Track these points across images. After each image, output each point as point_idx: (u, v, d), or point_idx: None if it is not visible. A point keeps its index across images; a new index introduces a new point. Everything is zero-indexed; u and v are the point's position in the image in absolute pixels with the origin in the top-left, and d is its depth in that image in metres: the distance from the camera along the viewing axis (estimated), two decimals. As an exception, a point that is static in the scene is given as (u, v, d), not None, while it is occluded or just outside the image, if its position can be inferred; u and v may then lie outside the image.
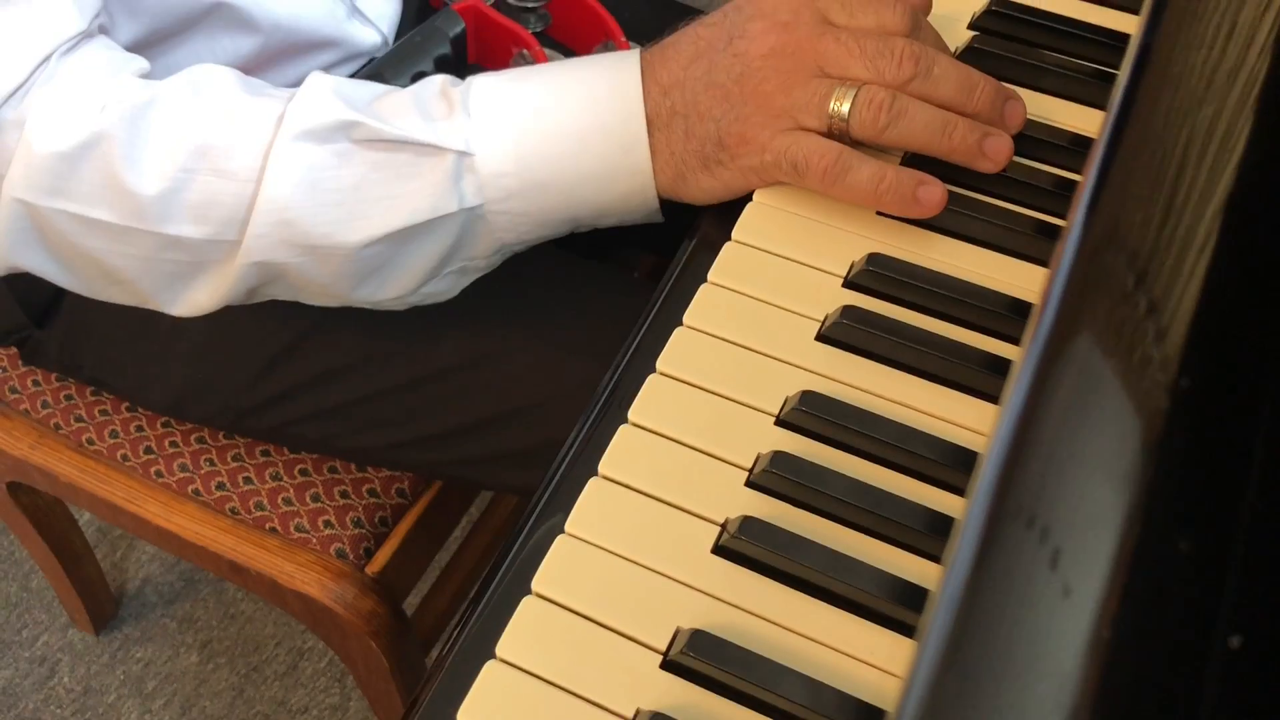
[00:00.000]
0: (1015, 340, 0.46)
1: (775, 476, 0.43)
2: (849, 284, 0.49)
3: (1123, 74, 0.44)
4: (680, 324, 0.48)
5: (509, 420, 0.63)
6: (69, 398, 0.83)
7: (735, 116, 0.50)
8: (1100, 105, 0.54)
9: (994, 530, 0.31)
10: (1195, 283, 0.33)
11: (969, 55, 0.56)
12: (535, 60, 0.68)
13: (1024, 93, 0.53)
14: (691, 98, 0.51)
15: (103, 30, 0.55)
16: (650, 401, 0.46)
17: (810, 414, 0.44)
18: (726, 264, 0.50)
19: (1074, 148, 0.53)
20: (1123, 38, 0.55)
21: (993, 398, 0.45)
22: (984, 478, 0.33)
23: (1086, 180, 0.40)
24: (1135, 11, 0.56)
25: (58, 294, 0.72)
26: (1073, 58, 0.56)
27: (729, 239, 0.51)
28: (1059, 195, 0.51)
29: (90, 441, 0.81)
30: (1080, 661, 0.28)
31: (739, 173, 0.51)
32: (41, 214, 0.52)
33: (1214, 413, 0.31)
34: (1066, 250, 0.37)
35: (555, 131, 0.51)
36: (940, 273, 0.49)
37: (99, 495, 0.81)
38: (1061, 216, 0.50)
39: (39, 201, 0.52)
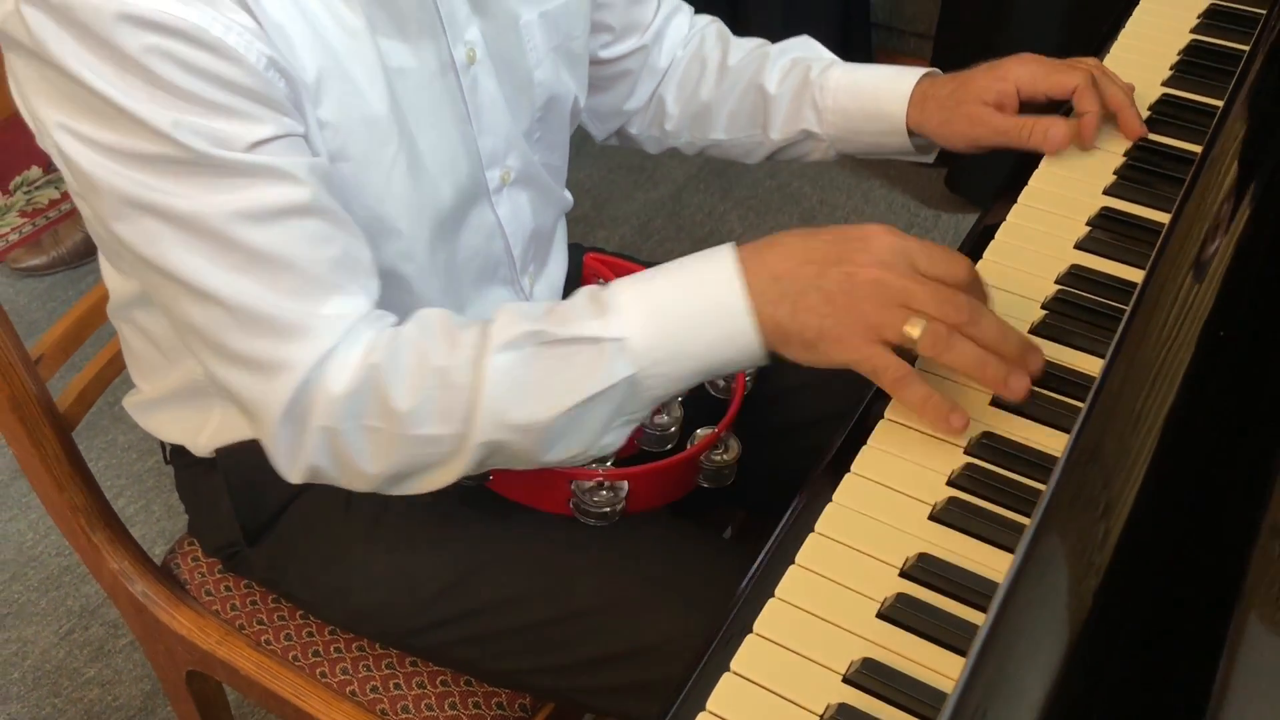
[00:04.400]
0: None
1: (840, 723, 0.56)
2: (904, 575, 0.63)
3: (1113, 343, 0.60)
4: (773, 595, 0.63)
5: (628, 658, 0.78)
6: (253, 603, 0.99)
7: (837, 321, 0.67)
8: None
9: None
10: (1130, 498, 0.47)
11: (1041, 328, 0.75)
12: None
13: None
14: (800, 289, 0.68)
15: None
16: (747, 655, 0.60)
17: (869, 676, 0.58)
18: (810, 551, 0.65)
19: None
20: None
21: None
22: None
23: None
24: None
25: (272, 520, 0.90)
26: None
27: (812, 530, 0.66)
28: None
29: (267, 642, 0.97)
30: None
31: (830, 359, 0.69)
32: (337, 433, 0.71)
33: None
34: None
35: (679, 312, 0.69)
36: (973, 572, 0.63)
37: (269, 688, 0.96)
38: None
39: (336, 424, 0.71)
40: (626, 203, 2.27)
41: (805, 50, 1.00)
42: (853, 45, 2.38)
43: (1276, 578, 0.43)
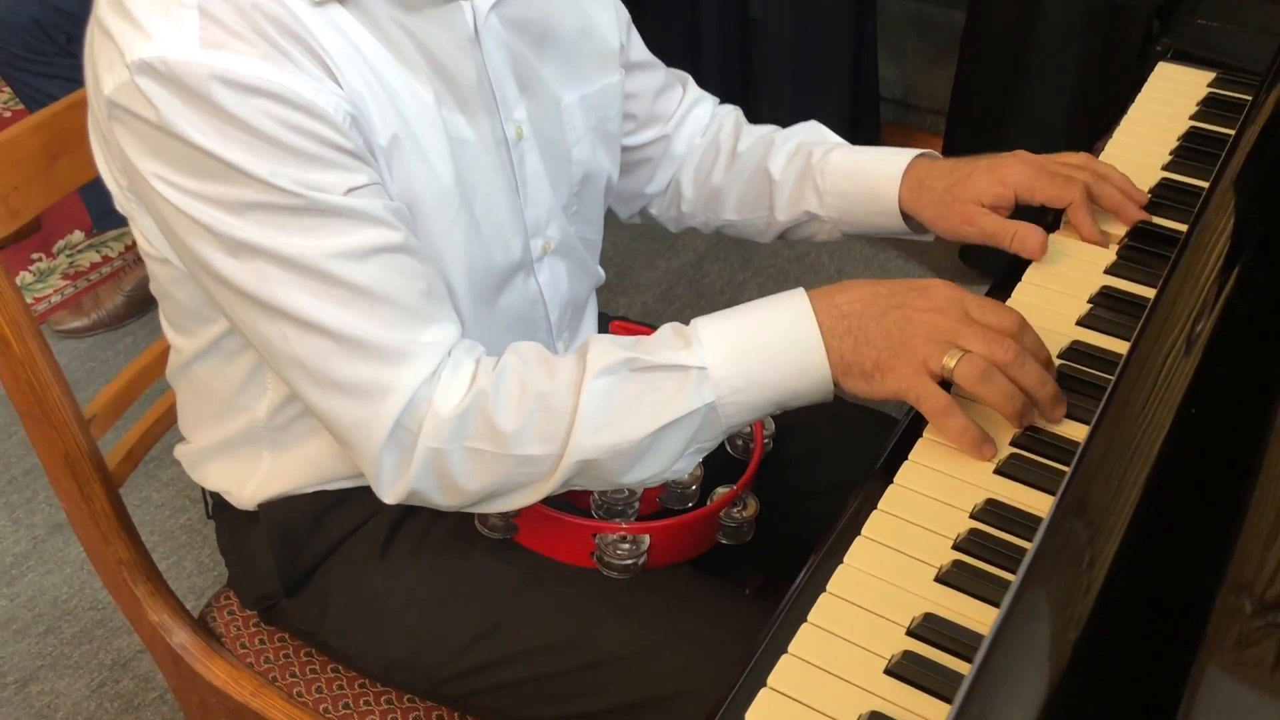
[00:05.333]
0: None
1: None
2: (911, 633, 0.67)
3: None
4: (786, 651, 0.66)
5: (650, 706, 0.81)
6: (286, 655, 1.03)
7: (893, 354, 0.75)
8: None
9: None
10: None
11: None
12: None
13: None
14: (863, 325, 0.75)
15: None
16: (762, 707, 0.63)
17: (877, 729, 0.62)
18: (822, 609, 0.68)
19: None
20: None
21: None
22: None
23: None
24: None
25: (309, 572, 0.94)
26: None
27: (825, 590, 0.69)
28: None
29: (299, 694, 1.01)
30: None
31: (884, 389, 0.76)
32: (443, 454, 0.77)
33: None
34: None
35: (756, 345, 0.76)
36: (976, 632, 0.66)
37: (301, 739, 0.99)
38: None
39: (443, 445, 0.76)
40: (649, 271, 2.33)
41: (811, 135, 1.06)
42: (862, 119, 2.45)
43: (1235, 628, 0.47)
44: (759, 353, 0.76)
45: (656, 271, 2.33)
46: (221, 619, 1.06)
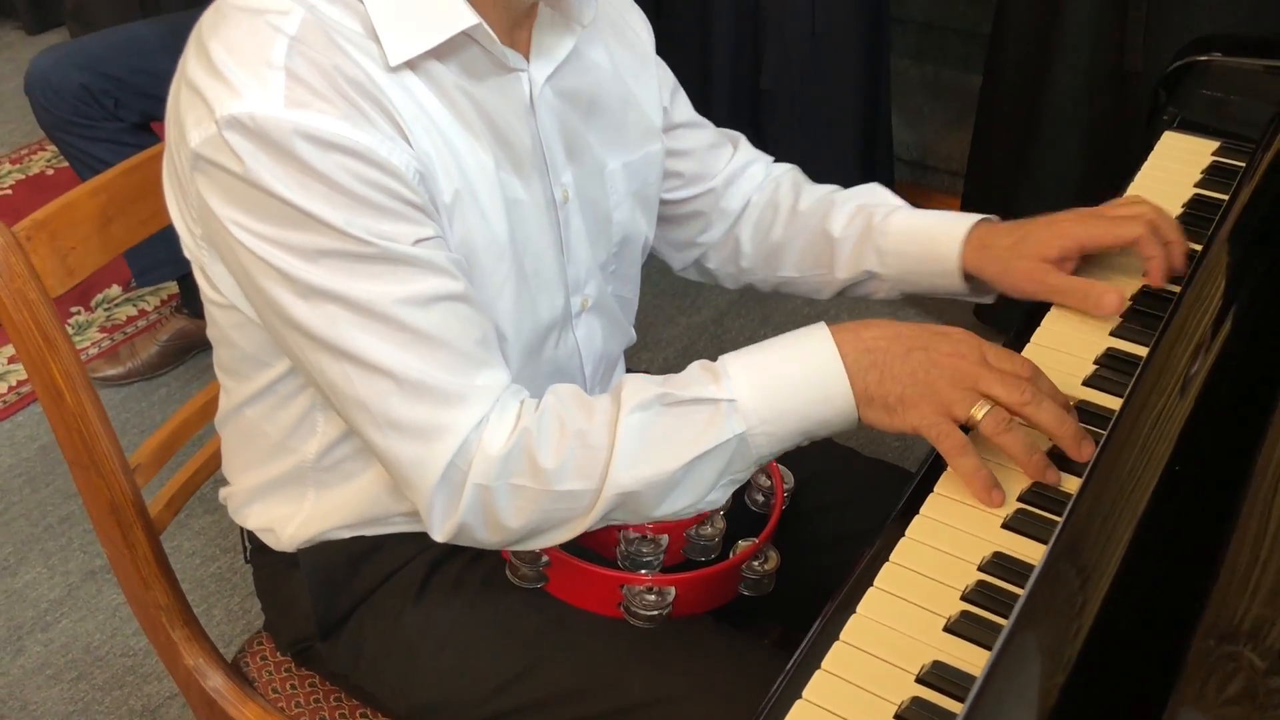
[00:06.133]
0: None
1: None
2: (920, 680, 0.69)
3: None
4: (801, 697, 0.69)
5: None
6: (316, 700, 1.06)
7: (917, 391, 0.78)
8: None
9: None
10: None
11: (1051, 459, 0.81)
12: None
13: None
14: (888, 361, 0.79)
15: None
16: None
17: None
18: (835, 657, 0.71)
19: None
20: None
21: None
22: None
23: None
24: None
25: (346, 616, 0.98)
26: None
27: (838, 638, 0.72)
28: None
29: (329, 737, 1.04)
30: None
31: (905, 423, 0.79)
32: (490, 490, 0.80)
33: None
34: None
35: (782, 377, 0.80)
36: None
37: (330, 781, 1.02)
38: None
39: (490, 483, 0.80)
40: (670, 326, 2.38)
41: (873, 196, 1.10)
42: (875, 177, 2.50)
43: (1208, 670, 0.50)
44: (785, 384, 0.80)
45: (678, 328, 2.37)
46: (254, 664, 1.10)
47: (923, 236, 1.03)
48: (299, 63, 0.77)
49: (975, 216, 1.03)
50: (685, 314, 2.40)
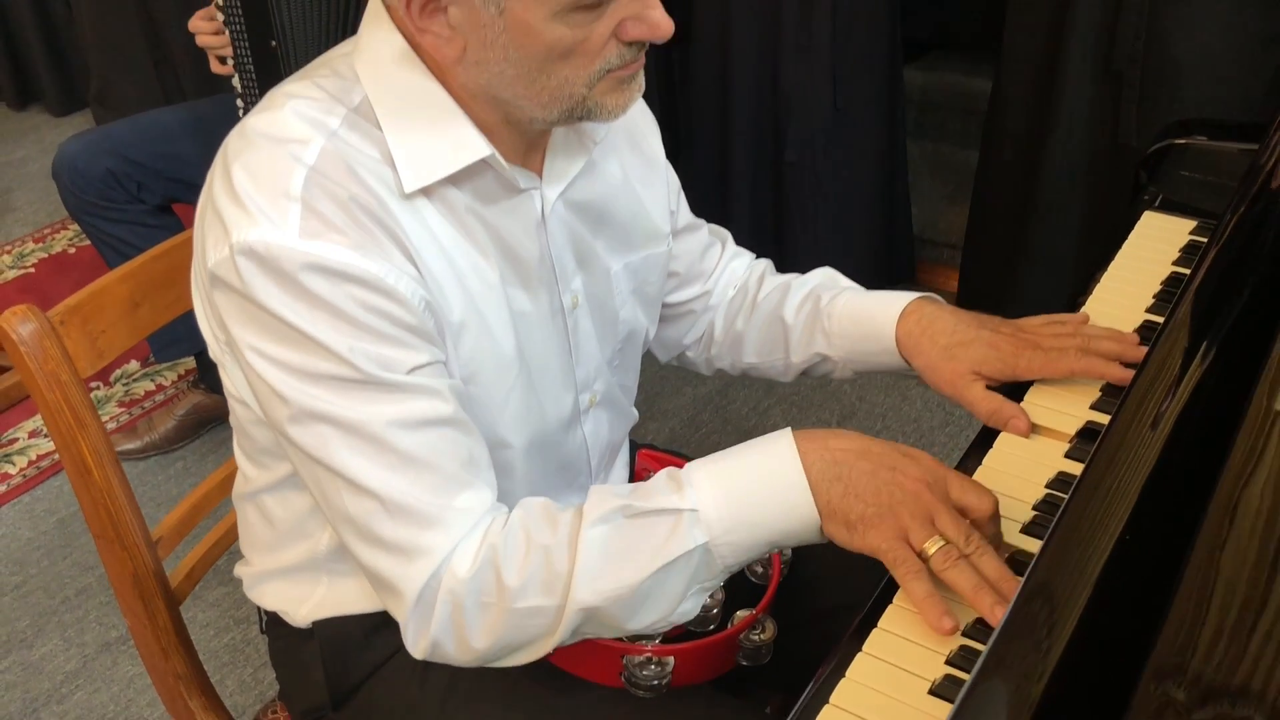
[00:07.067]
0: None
1: None
2: (907, 742, 0.73)
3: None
4: (793, 759, 0.72)
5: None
6: (329, 767, 1.09)
7: (878, 513, 0.79)
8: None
9: None
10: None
11: (1031, 527, 0.86)
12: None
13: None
14: (852, 477, 0.80)
15: None
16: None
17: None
18: (826, 718, 0.75)
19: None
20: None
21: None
22: None
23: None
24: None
25: (357, 686, 1.01)
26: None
27: (828, 702, 0.76)
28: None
29: (341, 804, 1.06)
30: None
31: (862, 542, 0.80)
32: (461, 609, 0.82)
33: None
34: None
35: (745, 487, 0.81)
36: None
37: None
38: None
39: (460, 602, 0.82)
40: (675, 398, 2.42)
41: (823, 279, 1.14)
42: (896, 259, 2.55)
43: (1152, 711, 0.55)
44: (748, 494, 0.81)
45: (683, 399, 2.41)
46: (269, 732, 1.13)
47: (862, 317, 1.06)
48: (315, 194, 0.81)
49: (910, 296, 1.05)
50: (691, 385, 2.45)
